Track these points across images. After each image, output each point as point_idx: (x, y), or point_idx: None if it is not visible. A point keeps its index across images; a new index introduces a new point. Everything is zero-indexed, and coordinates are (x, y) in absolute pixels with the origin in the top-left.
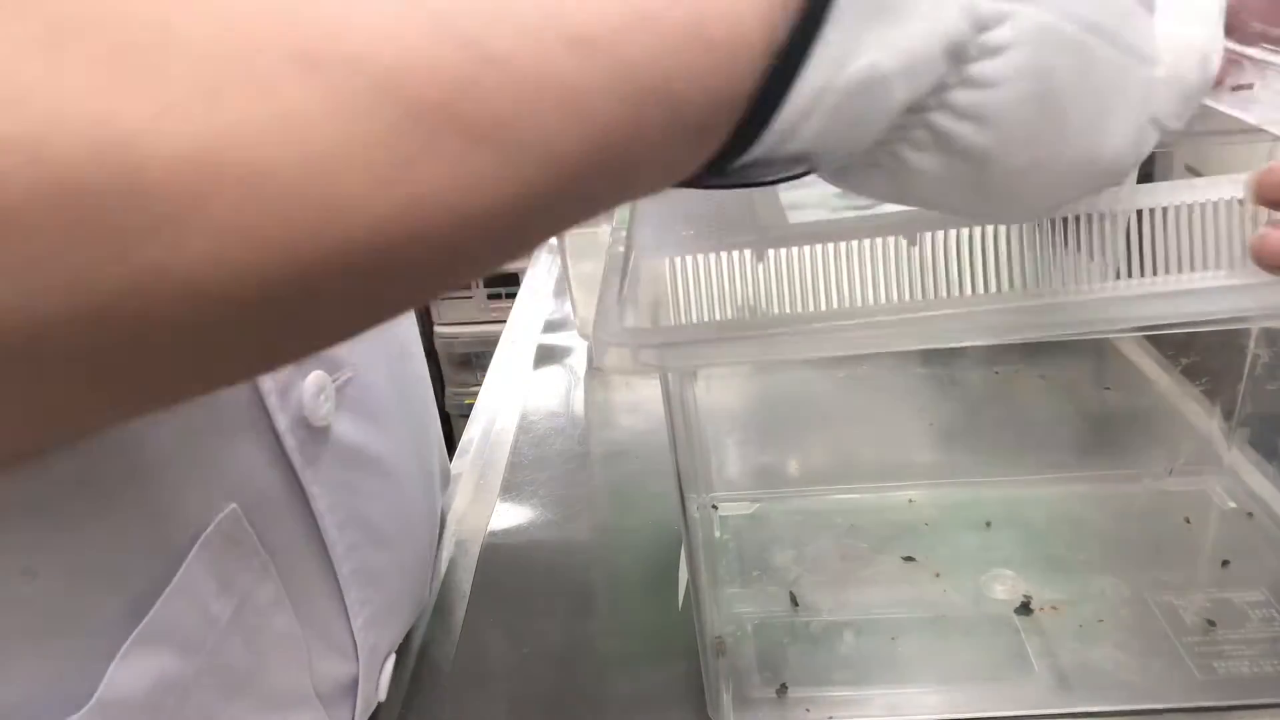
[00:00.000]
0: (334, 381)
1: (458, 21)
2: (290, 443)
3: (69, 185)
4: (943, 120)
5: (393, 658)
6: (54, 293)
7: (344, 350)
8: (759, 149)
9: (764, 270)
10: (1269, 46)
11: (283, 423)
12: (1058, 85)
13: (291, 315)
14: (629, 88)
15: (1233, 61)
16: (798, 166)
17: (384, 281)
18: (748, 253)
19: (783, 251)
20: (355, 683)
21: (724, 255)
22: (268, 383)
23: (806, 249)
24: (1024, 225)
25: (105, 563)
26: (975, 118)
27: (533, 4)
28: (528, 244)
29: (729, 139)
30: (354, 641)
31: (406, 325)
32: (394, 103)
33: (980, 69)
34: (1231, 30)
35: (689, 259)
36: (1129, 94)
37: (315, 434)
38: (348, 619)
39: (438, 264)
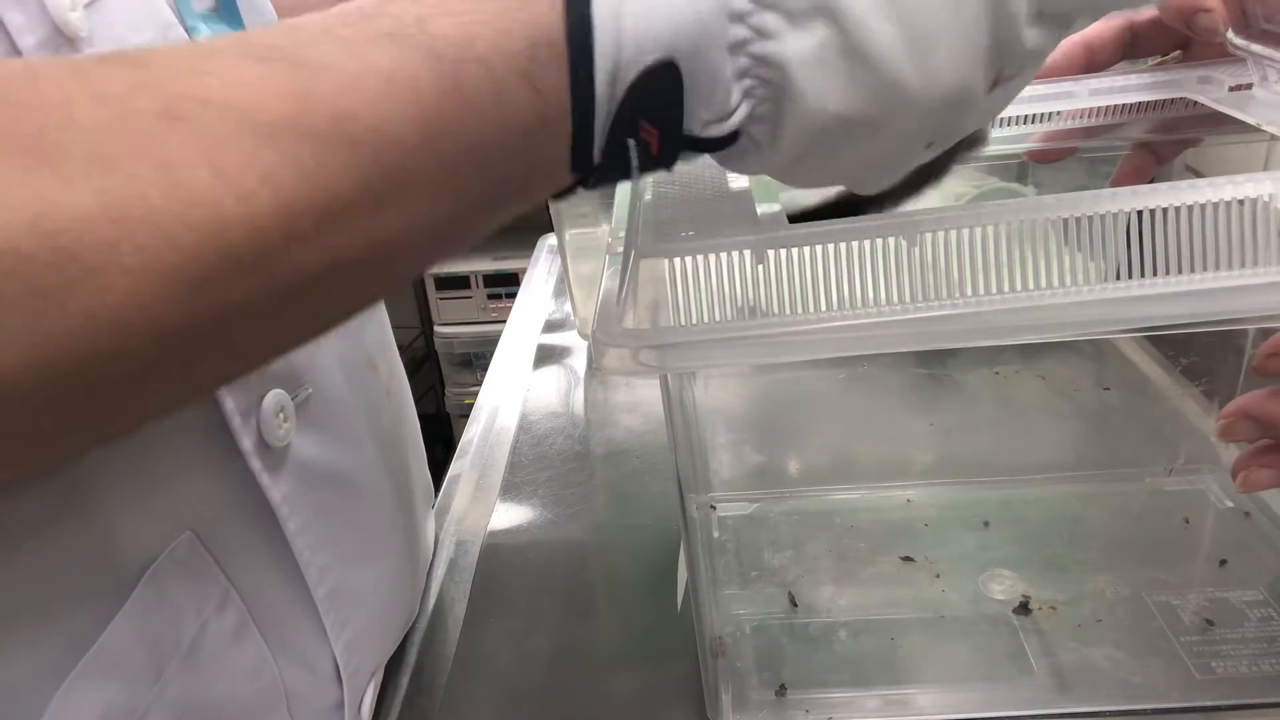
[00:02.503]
0: (294, 399)
1: (288, 51)
2: (256, 465)
3: (8, 259)
4: (767, 19)
5: (379, 677)
6: (8, 350)
7: (303, 366)
8: (603, 62)
9: (764, 270)
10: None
11: (247, 444)
12: None
13: (202, 332)
14: (442, 59)
15: (1235, 60)
16: (685, 97)
17: (276, 286)
18: (748, 253)
19: (783, 252)
20: (341, 706)
21: (724, 255)
22: (229, 404)
23: (806, 249)
24: (1024, 225)
25: (46, 597)
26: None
27: (348, 20)
28: (404, 261)
29: (570, 75)
30: (336, 665)
31: (374, 336)
32: (249, 130)
33: None
34: (1237, 27)
35: (689, 259)
36: None
37: (278, 454)
38: (329, 643)
39: (318, 265)
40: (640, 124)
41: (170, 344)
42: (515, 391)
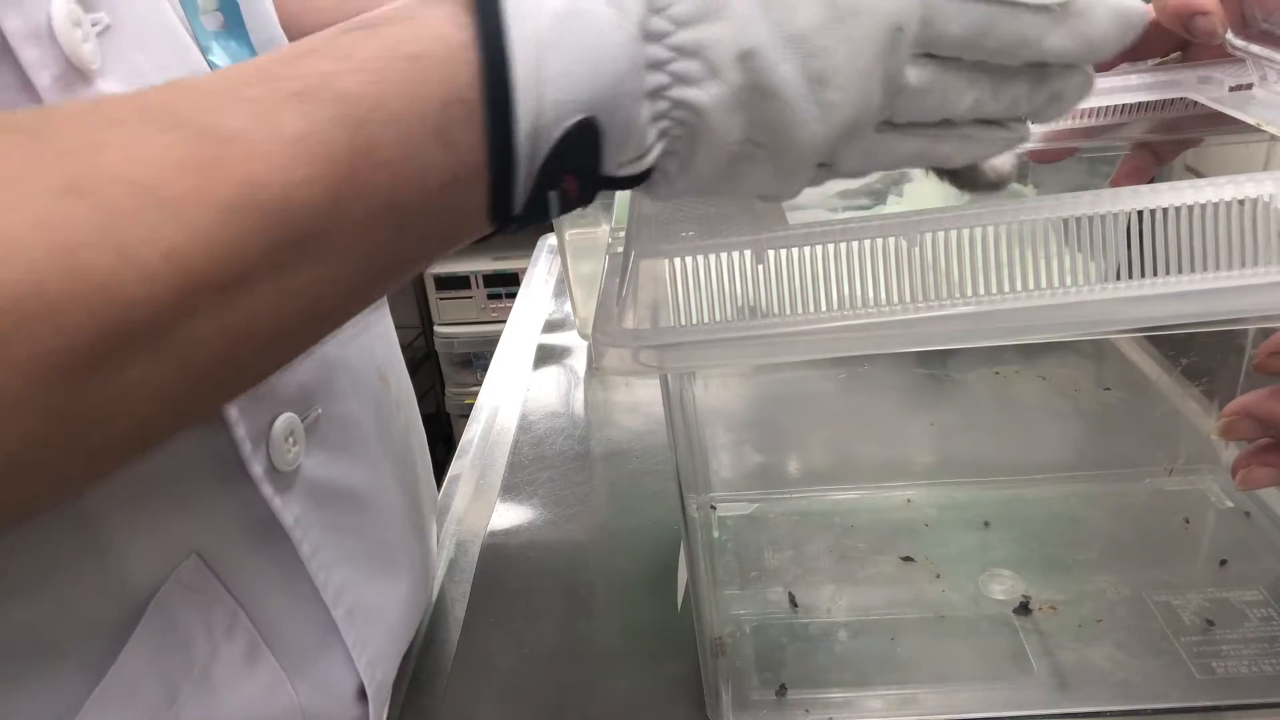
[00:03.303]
0: (304, 420)
1: (192, 118)
2: (267, 490)
3: None
4: (683, 36)
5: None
6: None
7: (315, 386)
8: (524, 125)
9: (764, 270)
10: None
11: (258, 470)
12: None
13: (98, 411)
14: (351, 119)
15: (1235, 60)
16: (603, 147)
17: (176, 359)
18: (748, 253)
19: (783, 251)
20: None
21: (724, 255)
22: (240, 430)
23: (806, 249)
24: (1024, 225)
25: (55, 627)
26: (704, 14)
27: (254, 79)
28: (319, 318)
29: (488, 137)
30: (360, 682)
31: (384, 349)
32: (153, 205)
33: None
34: (1236, 28)
35: (689, 259)
36: None
37: (287, 477)
38: (351, 662)
39: (219, 335)
40: (560, 176)
41: (64, 427)
42: (515, 391)
